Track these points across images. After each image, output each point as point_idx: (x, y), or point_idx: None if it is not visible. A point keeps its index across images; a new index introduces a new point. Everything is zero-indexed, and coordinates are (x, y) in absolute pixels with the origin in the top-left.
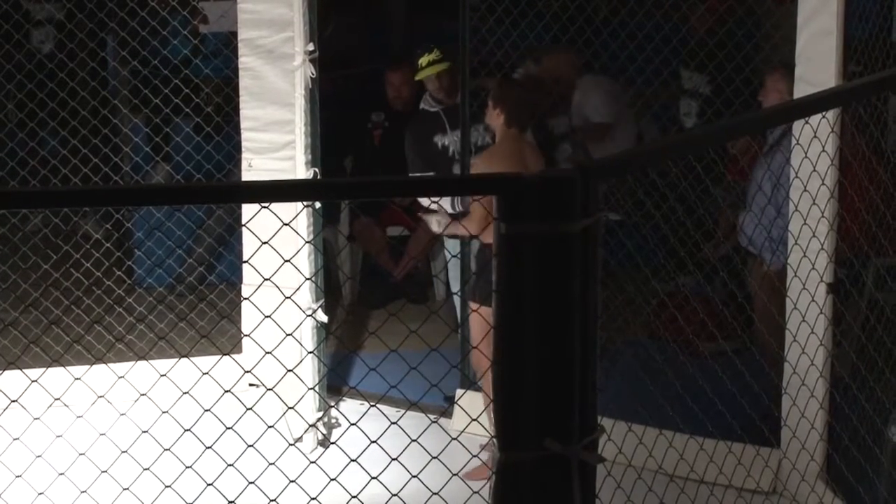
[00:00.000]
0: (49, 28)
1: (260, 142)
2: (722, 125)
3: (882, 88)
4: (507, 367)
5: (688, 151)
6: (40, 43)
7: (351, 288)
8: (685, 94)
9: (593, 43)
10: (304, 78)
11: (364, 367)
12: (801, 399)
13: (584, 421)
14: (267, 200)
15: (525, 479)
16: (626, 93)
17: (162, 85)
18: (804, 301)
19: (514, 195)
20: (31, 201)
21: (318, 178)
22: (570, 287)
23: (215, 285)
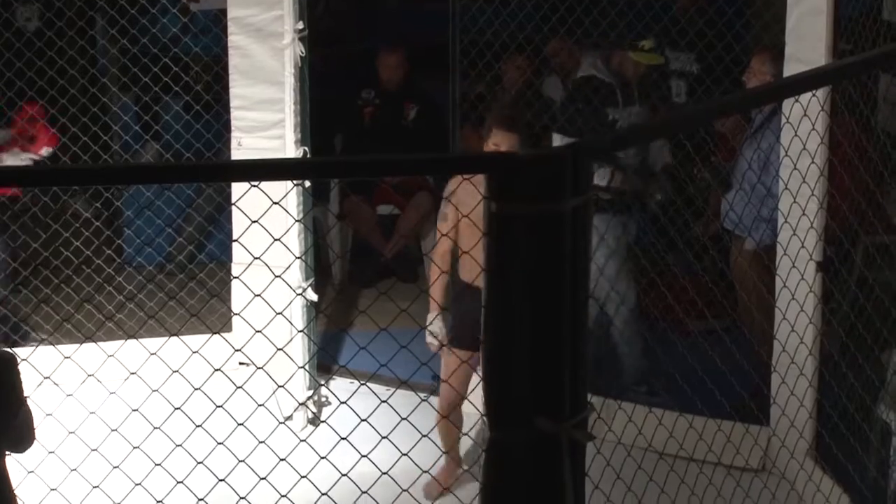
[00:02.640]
0: (35, 5)
1: (249, 120)
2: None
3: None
4: (497, 347)
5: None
6: (26, 20)
7: (341, 267)
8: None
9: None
10: (293, 56)
11: (354, 345)
12: (790, 377)
13: (575, 399)
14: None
15: (515, 458)
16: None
17: (151, 63)
18: (794, 279)
19: (505, 174)
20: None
21: (307, 157)
22: (560, 266)
23: (205, 264)
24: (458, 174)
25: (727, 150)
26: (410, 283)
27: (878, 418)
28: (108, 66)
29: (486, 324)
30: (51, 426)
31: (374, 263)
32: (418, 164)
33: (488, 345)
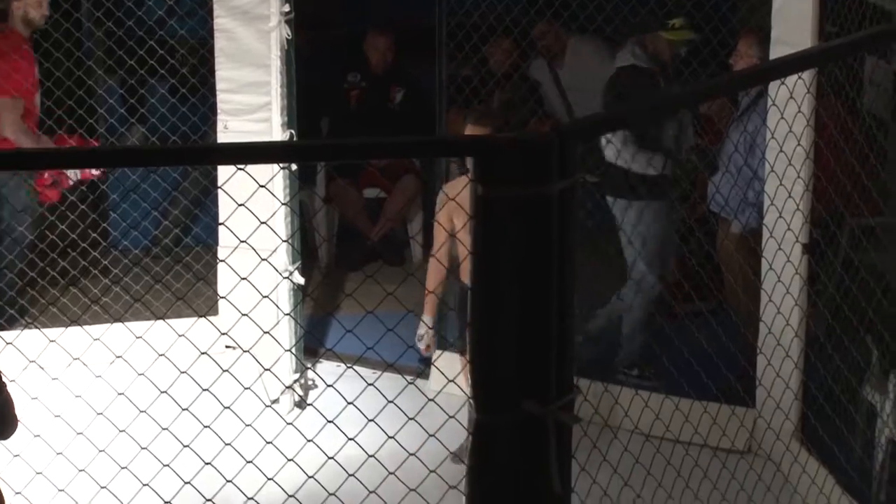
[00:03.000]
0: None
1: (235, 103)
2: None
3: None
4: (484, 330)
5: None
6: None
7: (327, 250)
8: None
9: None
10: (280, 39)
11: (341, 328)
12: (776, 359)
13: (561, 382)
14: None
15: (502, 440)
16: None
17: (137, 46)
18: (779, 261)
19: (491, 158)
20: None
21: (294, 140)
22: (547, 249)
23: (191, 247)
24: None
25: (713, 133)
26: (397, 267)
27: (864, 400)
28: (93, 49)
29: (472, 307)
30: (36, 410)
31: (360, 247)
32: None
33: (475, 328)
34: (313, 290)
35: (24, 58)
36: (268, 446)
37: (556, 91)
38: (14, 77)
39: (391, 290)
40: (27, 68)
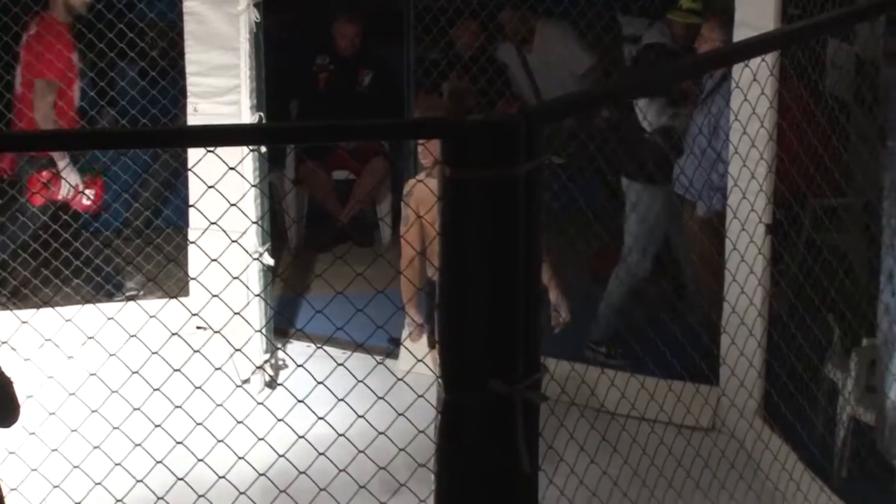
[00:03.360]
0: None
1: (205, 86)
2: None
3: (820, 32)
4: (452, 310)
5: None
6: None
7: (297, 231)
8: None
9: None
10: (248, 22)
11: (310, 309)
12: (739, 338)
13: (528, 361)
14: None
15: (470, 419)
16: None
17: (106, 29)
18: (743, 242)
19: (458, 139)
20: None
21: (263, 122)
22: (514, 230)
23: (162, 229)
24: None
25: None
26: (366, 248)
27: (826, 377)
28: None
29: (440, 288)
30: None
31: (329, 228)
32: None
33: (443, 309)
34: (283, 272)
35: (63, 44)
36: (239, 426)
37: (524, 73)
38: (51, 61)
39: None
40: (66, 54)
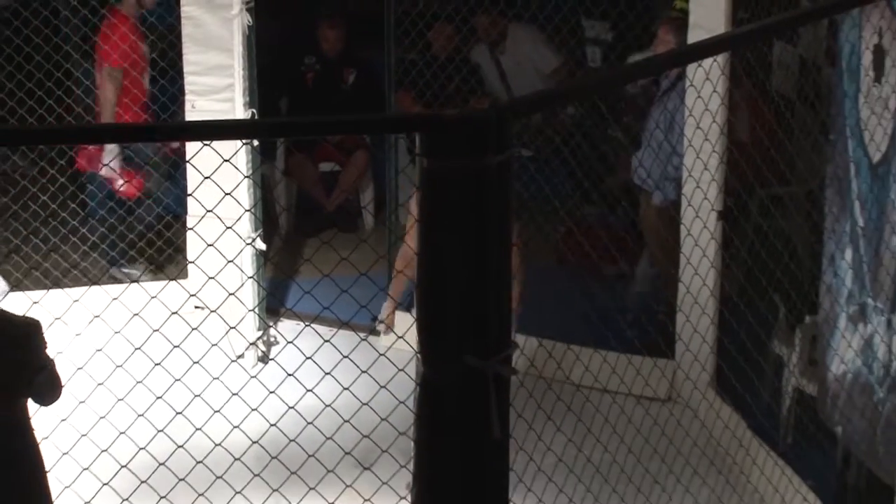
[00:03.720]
0: None
1: (202, 85)
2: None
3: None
4: (429, 291)
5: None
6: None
7: (287, 218)
8: (589, 42)
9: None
10: (241, 26)
11: (299, 290)
12: (693, 315)
13: (500, 338)
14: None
15: (446, 391)
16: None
17: None
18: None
19: (436, 133)
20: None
21: (255, 118)
22: (486, 217)
23: (163, 216)
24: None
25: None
26: (351, 233)
27: (772, 352)
28: (70, 35)
29: (419, 270)
30: None
31: (317, 216)
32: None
33: (420, 289)
34: (274, 256)
35: (136, 35)
36: (234, 398)
37: (497, 73)
38: (118, 50)
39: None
40: (135, 45)
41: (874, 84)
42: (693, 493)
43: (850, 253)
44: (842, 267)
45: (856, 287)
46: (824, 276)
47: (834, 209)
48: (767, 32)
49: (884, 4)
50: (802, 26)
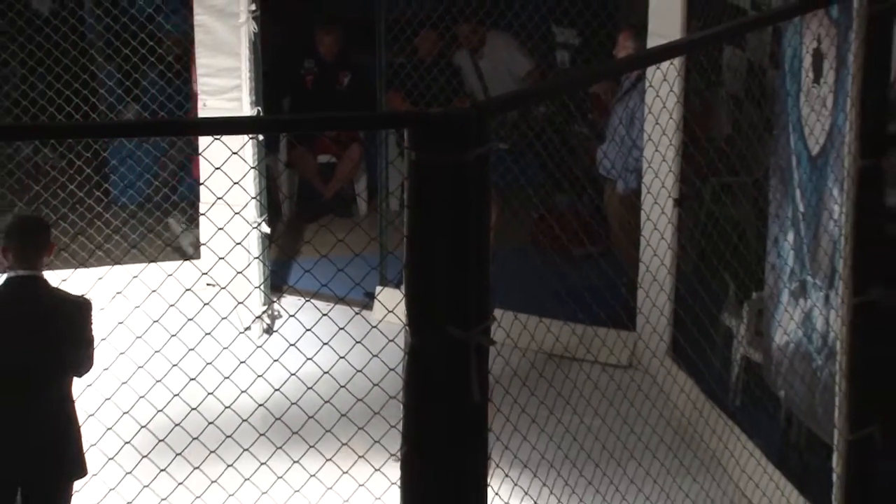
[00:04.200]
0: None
1: (213, 85)
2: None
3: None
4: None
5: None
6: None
7: (289, 205)
8: (558, 46)
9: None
10: (248, 33)
11: (300, 269)
12: (652, 291)
13: (480, 311)
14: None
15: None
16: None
17: (131, 38)
18: (655, 212)
19: (422, 129)
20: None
21: (260, 116)
22: (466, 203)
23: (178, 203)
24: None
25: (602, 109)
26: (346, 218)
27: (723, 324)
28: (94, 41)
29: (406, 251)
30: None
31: (315, 202)
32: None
33: (408, 267)
34: (277, 238)
35: None
36: (242, 366)
37: (476, 76)
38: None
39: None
40: None
41: (813, 84)
42: (651, 450)
43: (791, 235)
44: (784, 248)
45: (797, 266)
46: (769, 257)
47: (777, 196)
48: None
49: (822, 13)
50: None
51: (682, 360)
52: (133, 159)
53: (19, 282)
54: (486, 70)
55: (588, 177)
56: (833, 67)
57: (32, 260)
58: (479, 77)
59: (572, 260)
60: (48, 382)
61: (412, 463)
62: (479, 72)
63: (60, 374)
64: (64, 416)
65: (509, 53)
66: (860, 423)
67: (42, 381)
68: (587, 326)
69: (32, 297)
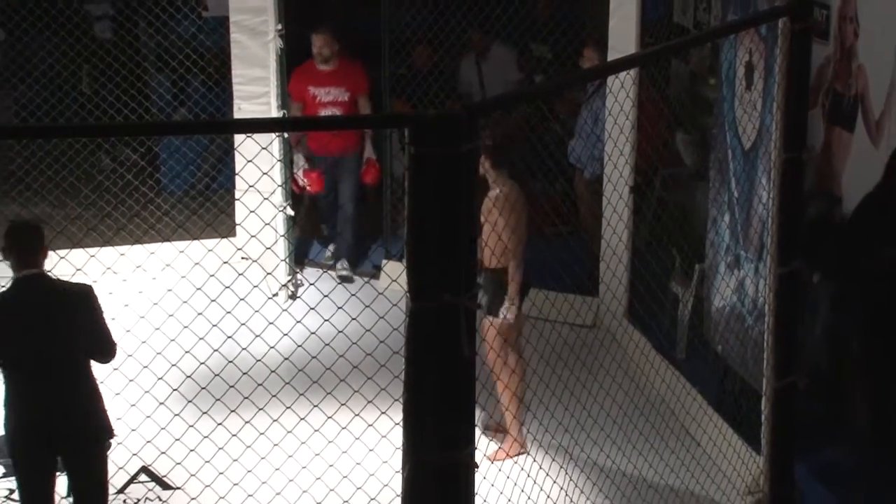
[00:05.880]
0: (106, 21)
1: (246, 92)
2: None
3: (666, 54)
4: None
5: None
6: (102, 32)
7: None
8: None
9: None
10: (275, 48)
11: (318, 245)
12: (612, 263)
13: (468, 280)
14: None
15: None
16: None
17: (178, 53)
18: (615, 198)
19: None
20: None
21: (285, 117)
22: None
23: (217, 190)
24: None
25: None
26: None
27: (671, 291)
28: (148, 55)
29: (407, 230)
30: (113, 300)
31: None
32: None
33: (409, 243)
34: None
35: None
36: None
37: (478, 79)
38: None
39: None
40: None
41: (746, 91)
42: (612, 395)
43: (728, 217)
44: (722, 227)
45: (732, 242)
46: (709, 234)
47: (716, 184)
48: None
49: (753, 31)
50: (693, 48)
51: (637, 320)
52: (179, 153)
53: (27, 280)
54: (486, 73)
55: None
56: (762, 76)
57: (33, 260)
58: (480, 80)
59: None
60: (68, 363)
61: (412, 407)
62: (480, 74)
63: (76, 355)
64: (86, 391)
65: (507, 63)
66: (784, 372)
67: (62, 363)
68: (558, 293)
69: (42, 292)
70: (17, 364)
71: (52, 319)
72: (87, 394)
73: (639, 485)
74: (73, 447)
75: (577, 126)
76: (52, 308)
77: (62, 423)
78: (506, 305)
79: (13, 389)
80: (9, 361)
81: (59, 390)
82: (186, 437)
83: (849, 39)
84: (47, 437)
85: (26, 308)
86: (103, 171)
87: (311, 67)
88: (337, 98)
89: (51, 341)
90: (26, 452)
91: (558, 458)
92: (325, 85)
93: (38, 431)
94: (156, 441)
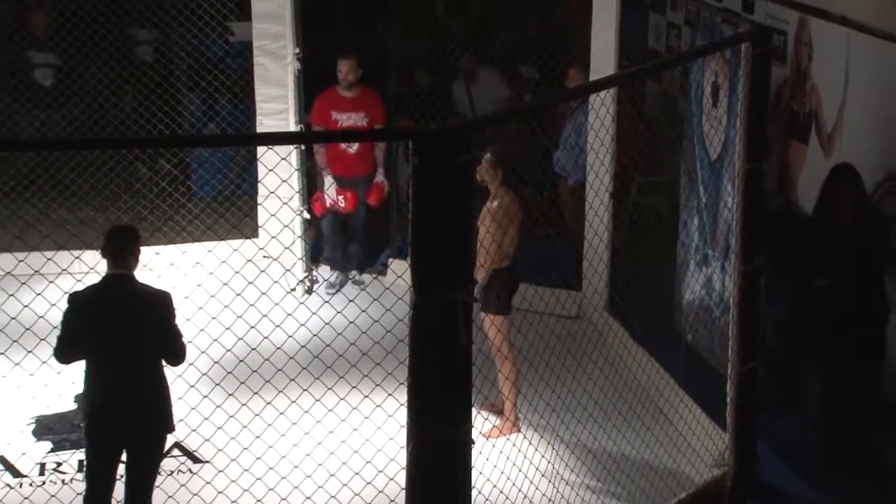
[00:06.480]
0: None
1: (267, 109)
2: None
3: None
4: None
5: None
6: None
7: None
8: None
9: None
10: (293, 70)
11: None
12: (594, 261)
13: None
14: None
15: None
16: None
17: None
18: (596, 203)
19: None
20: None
21: (302, 131)
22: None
23: (241, 196)
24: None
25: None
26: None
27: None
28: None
29: (412, 232)
30: None
31: None
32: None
33: (413, 244)
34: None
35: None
36: (288, 317)
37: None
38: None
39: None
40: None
41: (713, 108)
42: (594, 379)
43: (697, 220)
44: (691, 229)
45: (701, 242)
46: (680, 235)
47: (686, 190)
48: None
49: (719, 55)
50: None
51: (616, 312)
52: (208, 163)
53: (115, 279)
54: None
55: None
56: (726, 95)
57: (124, 261)
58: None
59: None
60: (142, 359)
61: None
62: (470, 96)
63: (151, 353)
64: (158, 387)
65: (495, 83)
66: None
67: (138, 358)
68: (546, 287)
69: (126, 292)
70: (96, 355)
71: (131, 318)
72: (157, 390)
73: (618, 459)
74: (138, 435)
75: (562, 138)
76: (134, 308)
77: (132, 413)
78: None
79: (93, 378)
80: (88, 352)
81: (133, 384)
82: (214, 417)
83: (804, 62)
84: (119, 424)
85: (110, 304)
86: (140, 180)
87: (333, 93)
88: (356, 123)
89: (129, 338)
90: (99, 436)
91: (546, 436)
92: (347, 111)
93: (112, 419)
94: (187, 420)
